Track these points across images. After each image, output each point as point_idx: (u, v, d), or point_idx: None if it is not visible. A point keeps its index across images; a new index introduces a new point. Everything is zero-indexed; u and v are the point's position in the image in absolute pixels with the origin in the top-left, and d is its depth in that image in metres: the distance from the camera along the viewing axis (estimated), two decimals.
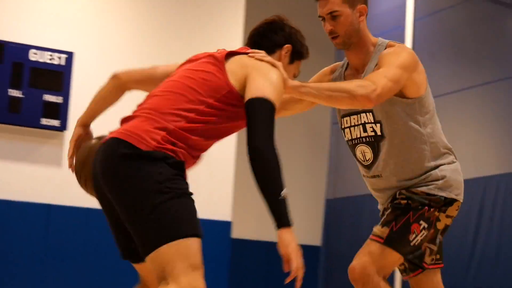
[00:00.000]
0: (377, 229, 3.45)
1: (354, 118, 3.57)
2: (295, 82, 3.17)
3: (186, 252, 2.64)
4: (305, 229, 14.70)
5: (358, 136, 3.59)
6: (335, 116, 13.09)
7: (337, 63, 3.80)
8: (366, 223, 11.78)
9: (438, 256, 3.62)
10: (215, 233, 10.57)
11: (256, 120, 2.78)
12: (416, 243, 3.39)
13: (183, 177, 2.78)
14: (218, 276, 10.54)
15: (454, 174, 3.52)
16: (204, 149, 2.95)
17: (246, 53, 3.04)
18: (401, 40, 11.13)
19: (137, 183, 2.65)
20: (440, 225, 3.46)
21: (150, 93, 3.04)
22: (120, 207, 2.69)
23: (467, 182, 10.47)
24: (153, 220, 2.60)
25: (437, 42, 10.95)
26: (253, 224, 14.46)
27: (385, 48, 3.46)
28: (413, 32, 10.96)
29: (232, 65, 2.95)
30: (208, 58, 3.02)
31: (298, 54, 3.23)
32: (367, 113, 3.53)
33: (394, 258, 3.40)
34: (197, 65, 3.00)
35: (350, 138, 3.67)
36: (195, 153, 2.89)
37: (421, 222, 3.38)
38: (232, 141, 10.93)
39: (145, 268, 2.88)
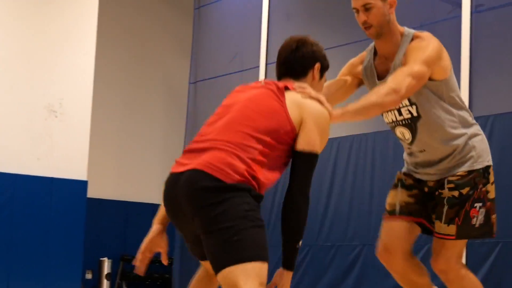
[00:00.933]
0: (443, 228, 3.82)
1: None
2: (337, 112, 3.40)
3: (260, 273, 2.93)
4: (161, 189, 14.69)
5: (395, 120, 3.90)
6: (194, 75, 13.01)
7: (363, 53, 4.13)
8: None
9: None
10: (71, 192, 10.46)
11: (303, 173, 3.13)
12: (481, 222, 3.83)
13: (259, 210, 3.09)
14: (74, 234, 10.45)
15: (481, 144, 3.88)
16: (271, 183, 3.20)
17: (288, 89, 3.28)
18: (258, 0, 11.21)
19: (228, 211, 2.93)
20: (491, 195, 3.90)
21: (212, 121, 3.25)
22: (205, 230, 2.97)
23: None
24: (238, 240, 2.92)
25: (293, 3, 11.08)
26: (109, 184, 14.34)
27: (412, 39, 3.78)
28: None
29: (288, 102, 3.19)
30: (268, 90, 3.24)
31: (325, 68, 3.49)
32: None
33: (464, 243, 3.89)
34: (259, 97, 3.22)
35: (388, 121, 3.98)
36: (264, 188, 3.17)
37: (476, 204, 3.80)
38: (88, 101, 10.79)
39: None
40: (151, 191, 14.57)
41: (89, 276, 13.93)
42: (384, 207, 4.16)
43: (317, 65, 3.43)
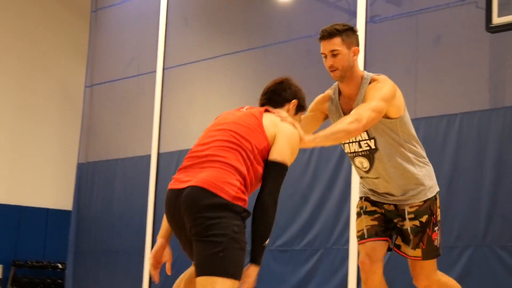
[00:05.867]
0: (410, 251, 4.51)
1: None
2: (310, 137, 3.93)
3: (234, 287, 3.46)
4: (56, 193, 14.51)
5: (355, 150, 4.48)
6: (90, 79, 12.85)
7: (327, 91, 4.65)
8: (118, 187, 11.81)
9: None
10: None
11: (272, 180, 3.64)
12: (439, 243, 4.53)
13: (245, 231, 3.57)
14: None
15: (431, 175, 4.53)
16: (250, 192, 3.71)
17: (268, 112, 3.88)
18: (156, 4, 11.20)
19: (220, 228, 3.42)
20: (439, 217, 4.56)
21: (203, 141, 3.73)
22: (198, 239, 3.46)
23: None
24: (223, 257, 3.42)
25: (191, 8, 11.11)
26: (1, 188, 14.09)
27: (370, 82, 4.36)
28: None
29: (265, 121, 3.75)
30: (249, 113, 3.81)
31: (301, 107, 4.06)
32: (362, 133, 4.39)
33: (435, 261, 4.55)
34: (243, 119, 3.76)
35: (348, 151, 4.55)
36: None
37: (435, 228, 4.48)
38: None
39: None
40: (44, 196, 14.38)
41: None
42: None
43: (294, 101, 3.99)
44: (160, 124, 11.33)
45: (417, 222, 4.45)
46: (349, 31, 4.37)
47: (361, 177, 4.63)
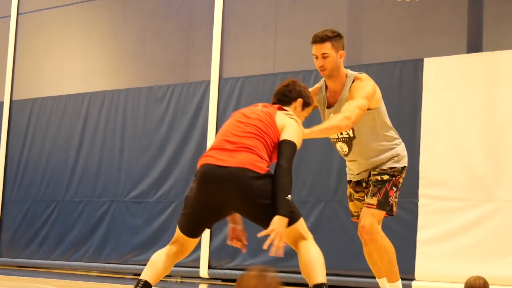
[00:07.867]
0: (368, 199, 5.31)
1: None
2: (307, 131, 4.76)
3: (304, 224, 4.46)
4: None
5: (337, 137, 5.36)
6: None
7: (317, 86, 5.46)
8: None
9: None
10: None
11: (284, 153, 4.48)
12: (391, 201, 5.34)
13: None
14: None
15: (402, 151, 5.41)
16: None
17: (282, 110, 4.74)
18: None
19: (267, 190, 4.32)
20: (399, 185, 5.42)
21: (235, 131, 4.55)
22: (253, 207, 4.37)
23: (72, 96, 10.54)
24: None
25: None
26: None
27: (353, 80, 5.23)
28: None
29: (277, 118, 4.60)
30: (266, 113, 4.63)
31: (306, 104, 4.85)
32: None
33: (383, 214, 5.33)
34: (263, 115, 4.59)
35: (332, 137, 5.38)
36: None
37: (393, 188, 5.31)
38: None
39: (193, 241, 4.52)
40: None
41: None
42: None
43: (299, 100, 4.79)
44: (13, 70, 11.06)
45: (379, 177, 5.31)
46: (337, 37, 5.18)
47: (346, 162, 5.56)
